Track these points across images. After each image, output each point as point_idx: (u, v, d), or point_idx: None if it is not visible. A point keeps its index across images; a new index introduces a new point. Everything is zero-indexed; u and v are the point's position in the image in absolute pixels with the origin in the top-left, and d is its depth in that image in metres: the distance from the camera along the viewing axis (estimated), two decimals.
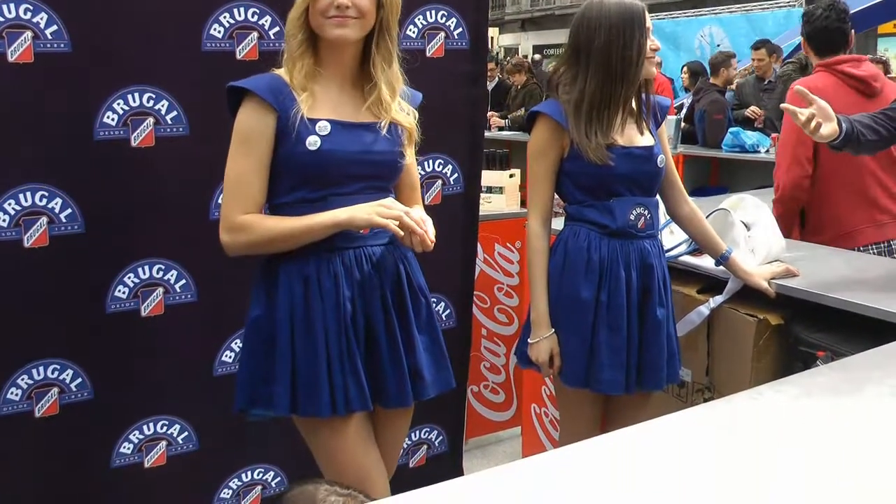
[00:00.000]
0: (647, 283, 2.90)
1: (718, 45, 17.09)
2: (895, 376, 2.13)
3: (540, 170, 2.93)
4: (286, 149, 2.38)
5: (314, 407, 2.41)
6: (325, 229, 2.37)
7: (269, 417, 2.56)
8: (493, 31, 46.30)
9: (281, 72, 2.43)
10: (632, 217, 2.88)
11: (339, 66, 2.47)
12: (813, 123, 2.84)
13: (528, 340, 2.98)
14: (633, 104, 2.93)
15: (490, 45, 42.95)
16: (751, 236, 3.25)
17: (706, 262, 3.26)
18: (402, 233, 2.33)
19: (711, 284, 3.27)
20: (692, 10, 21.60)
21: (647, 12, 2.85)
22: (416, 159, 2.72)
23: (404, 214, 2.33)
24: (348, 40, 2.40)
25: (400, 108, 2.53)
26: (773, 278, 3.07)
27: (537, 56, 28.66)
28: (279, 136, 2.39)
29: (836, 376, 2.16)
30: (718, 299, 3.16)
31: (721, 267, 3.13)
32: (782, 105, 2.99)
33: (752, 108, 8.66)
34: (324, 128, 2.39)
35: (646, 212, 2.91)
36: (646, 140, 2.94)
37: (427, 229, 2.36)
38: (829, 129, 2.89)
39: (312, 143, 2.37)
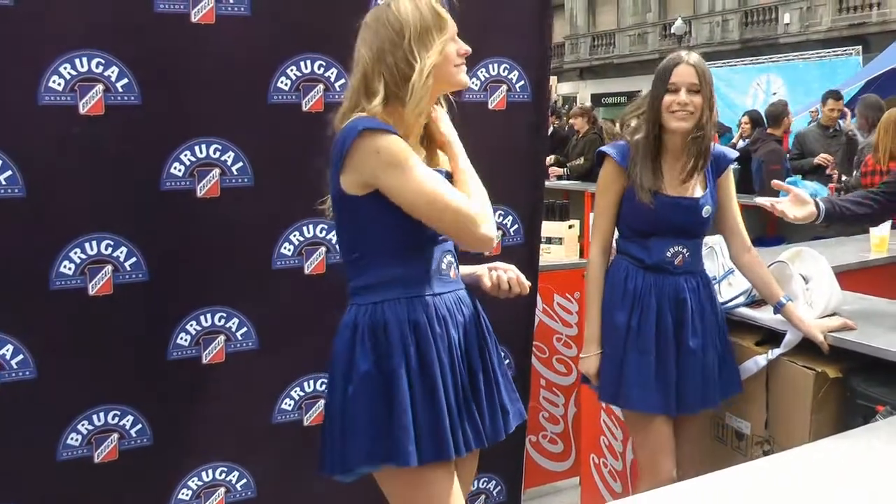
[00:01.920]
0: (681, 316, 3.11)
1: (775, 94, 17.03)
2: None
3: (602, 204, 3.21)
4: None
5: (438, 452, 2.38)
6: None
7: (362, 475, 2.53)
8: (551, 80, 46.45)
9: (380, 114, 2.38)
10: (668, 255, 3.11)
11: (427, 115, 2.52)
12: (789, 212, 3.18)
13: (581, 355, 3.28)
14: (689, 156, 3.07)
15: (549, 94, 43.09)
16: (809, 289, 3.24)
17: (765, 314, 3.27)
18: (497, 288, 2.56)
19: (770, 337, 3.27)
20: (750, 58, 21.61)
21: (681, 67, 3.05)
22: None
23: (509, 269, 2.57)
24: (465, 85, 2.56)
25: None
26: (829, 331, 3.07)
27: (590, 104, 28.78)
28: None
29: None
30: (777, 351, 3.16)
31: (780, 318, 3.15)
32: (757, 199, 3.31)
33: (823, 155, 8.59)
34: (446, 178, 2.46)
35: (685, 251, 3.13)
36: (696, 191, 3.11)
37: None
38: (804, 211, 3.20)
39: None
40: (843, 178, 8.21)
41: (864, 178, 7.06)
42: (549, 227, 4.55)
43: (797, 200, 3.23)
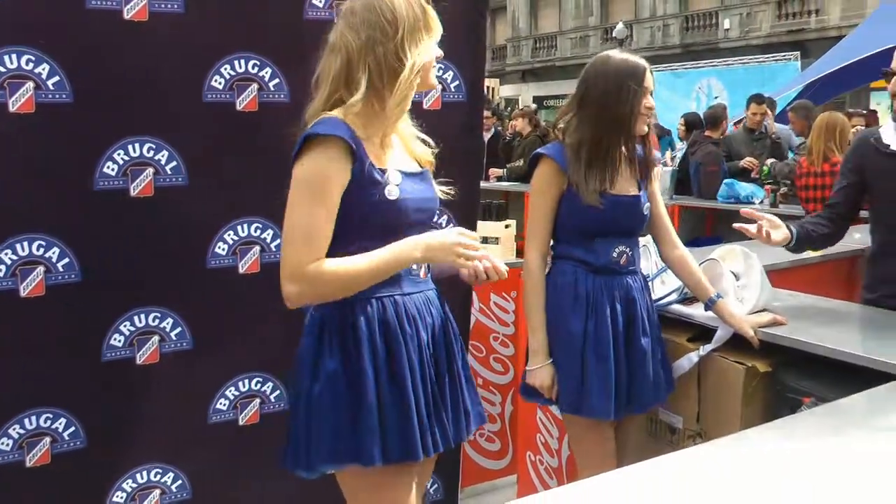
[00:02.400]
0: (631, 314, 3.08)
1: (716, 97, 17.27)
2: (878, 419, 2.18)
3: (540, 207, 3.11)
4: (361, 197, 2.36)
5: (405, 453, 2.37)
6: (398, 267, 2.39)
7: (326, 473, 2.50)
8: (493, 82, 46.48)
9: (340, 117, 2.37)
10: (614, 255, 3.07)
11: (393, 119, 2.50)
12: (763, 233, 3.28)
13: (527, 368, 3.12)
14: (628, 156, 3.09)
15: (491, 96, 43.24)
16: (740, 286, 3.30)
17: (696, 310, 3.32)
18: (481, 276, 2.42)
19: (702, 333, 3.32)
20: (691, 63, 21.86)
21: (648, 73, 3.03)
22: None
23: (484, 258, 2.42)
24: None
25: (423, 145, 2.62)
26: (759, 326, 3.13)
27: (533, 106, 28.95)
28: (353, 184, 2.35)
29: (819, 420, 2.21)
30: (708, 347, 3.21)
31: (711, 314, 3.19)
32: (736, 225, 3.35)
33: (748, 158, 8.74)
34: (396, 177, 2.41)
35: (627, 250, 3.10)
36: (635, 189, 3.11)
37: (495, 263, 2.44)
38: (780, 235, 3.36)
39: (391, 192, 2.38)
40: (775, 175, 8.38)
41: (799, 180, 7.21)
42: (485, 227, 4.58)
43: (772, 224, 3.34)
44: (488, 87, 45.81)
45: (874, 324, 3.37)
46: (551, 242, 3.16)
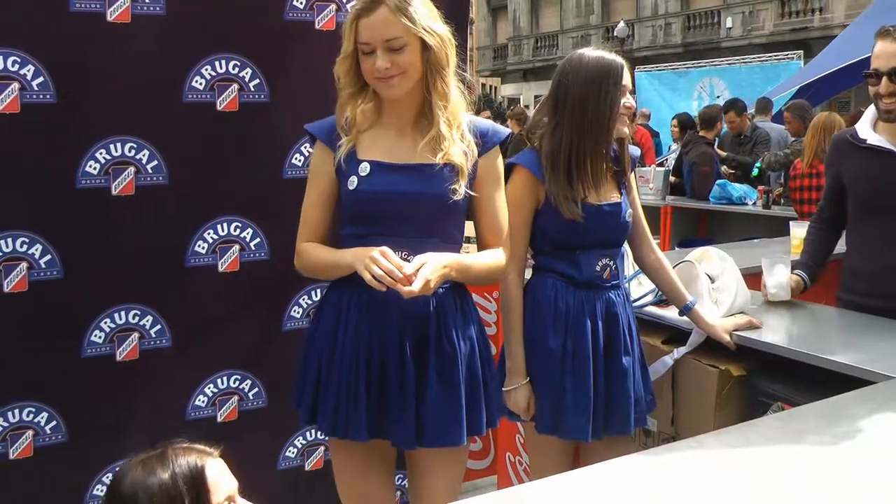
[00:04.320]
0: (612, 332, 2.95)
1: (718, 97, 17.24)
2: (838, 426, 2.20)
3: (516, 221, 2.85)
4: (340, 187, 2.59)
5: (321, 424, 2.61)
6: (338, 268, 2.55)
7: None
8: (495, 81, 46.66)
9: (338, 113, 2.61)
10: (597, 268, 2.94)
11: (398, 111, 2.58)
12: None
13: (504, 388, 2.95)
14: (608, 161, 2.96)
15: (492, 95, 43.26)
16: (715, 288, 3.32)
17: (672, 312, 3.32)
18: (376, 284, 2.35)
19: (677, 335, 3.34)
20: (692, 62, 21.83)
21: (625, 70, 2.90)
22: None
23: (390, 272, 2.34)
24: (398, 97, 2.53)
25: (461, 142, 2.57)
26: (735, 330, 3.14)
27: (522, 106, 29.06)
28: (337, 175, 2.59)
29: (779, 426, 2.23)
30: (682, 350, 3.23)
31: (685, 318, 3.20)
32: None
33: (723, 169, 8.96)
34: (364, 168, 2.53)
35: (611, 263, 2.97)
36: (616, 196, 2.99)
37: (412, 284, 2.34)
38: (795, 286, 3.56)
39: (351, 182, 2.54)
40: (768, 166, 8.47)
41: (793, 181, 7.21)
42: (467, 227, 4.57)
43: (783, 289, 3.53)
44: (490, 87, 46.02)
45: (850, 328, 3.38)
46: (530, 253, 3.06)
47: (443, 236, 2.57)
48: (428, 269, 2.37)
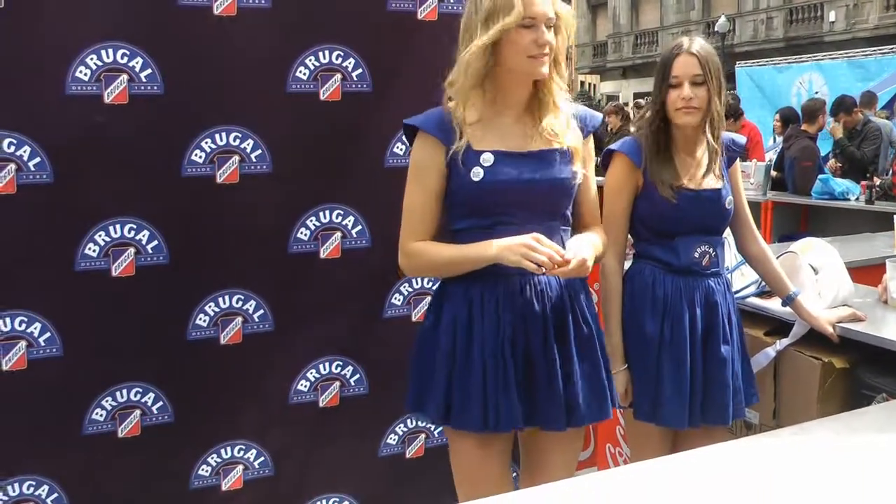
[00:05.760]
0: (711, 321, 2.94)
1: (816, 92, 16.87)
2: None
3: (615, 208, 2.99)
4: (455, 180, 2.51)
5: (466, 421, 2.52)
6: (476, 262, 2.47)
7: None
8: (594, 79, 46.38)
9: (451, 105, 2.53)
10: (696, 255, 2.94)
11: (515, 97, 2.55)
12: None
13: None
14: (701, 148, 2.97)
15: (591, 92, 43.02)
16: (819, 280, 3.27)
17: (775, 304, 3.29)
18: (537, 269, 2.37)
19: (779, 327, 3.30)
20: (794, 57, 21.41)
21: (678, 58, 2.91)
22: None
23: (550, 257, 2.35)
24: (544, 77, 2.51)
25: (569, 128, 2.59)
26: (838, 322, 3.09)
27: (641, 101, 28.78)
28: (449, 169, 2.51)
29: (884, 415, 2.19)
30: (785, 342, 3.19)
31: (788, 308, 3.16)
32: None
33: (830, 161, 8.75)
34: (487, 159, 2.48)
35: (711, 250, 2.96)
36: (715, 182, 2.98)
37: (569, 266, 2.37)
38: None
39: (476, 174, 2.48)
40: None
41: (895, 177, 7.05)
42: None
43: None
44: (589, 84, 45.77)
45: None
46: (631, 241, 3.09)
47: (562, 220, 2.60)
48: (583, 249, 2.43)
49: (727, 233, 3.16)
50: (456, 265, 2.52)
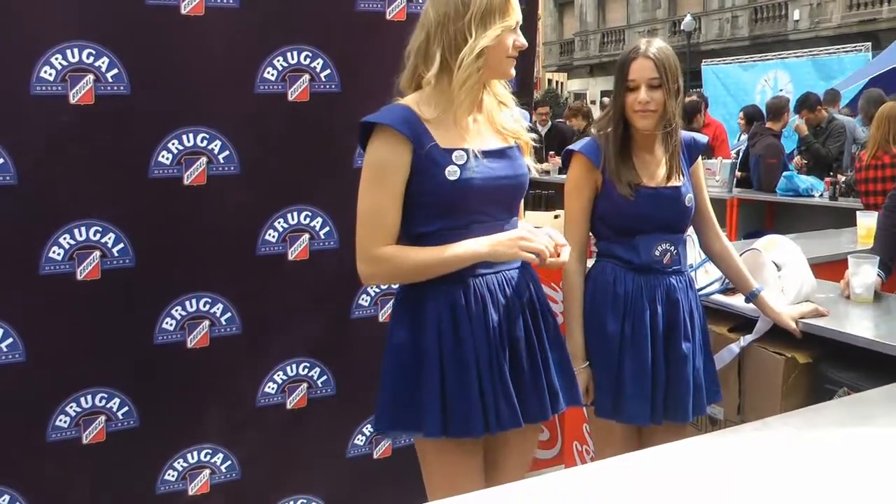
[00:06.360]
0: (673, 318, 2.96)
1: (781, 90, 17.00)
2: None
3: (575, 207, 3.02)
4: (425, 181, 2.41)
5: (467, 428, 2.43)
6: (465, 262, 2.41)
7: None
8: (561, 77, 46.46)
9: (409, 103, 2.45)
10: (657, 253, 2.95)
11: (473, 97, 2.49)
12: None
13: None
14: (660, 147, 3.00)
15: (559, 90, 43.09)
16: (781, 276, 3.31)
17: (738, 300, 3.33)
18: (534, 260, 2.39)
19: (743, 323, 3.34)
20: (759, 55, 21.57)
21: (637, 61, 2.92)
22: None
23: (546, 247, 2.39)
24: (512, 77, 2.56)
25: (519, 124, 2.61)
26: (801, 318, 3.14)
27: (606, 100, 28.83)
28: (415, 168, 2.41)
29: (845, 409, 2.22)
30: (749, 338, 3.23)
31: (751, 305, 3.20)
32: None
33: (795, 159, 8.84)
34: (460, 157, 2.42)
35: (672, 248, 2.98)
36: (675, 180, 3.00)
37: (562, 253, 2.44)
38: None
39: (452, 172, 2.39)
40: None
41: (859, 174, 7.11)
42: (534, 218, 4.60)
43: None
44: (557, 82, 45.84)
45: None
46: (593, 240, 3.11)
47: (517, 214, 2.61)
48: (556, 234, 2.48)
49: (690, 230, 3.19)
50: (438, 267, 2.42)
